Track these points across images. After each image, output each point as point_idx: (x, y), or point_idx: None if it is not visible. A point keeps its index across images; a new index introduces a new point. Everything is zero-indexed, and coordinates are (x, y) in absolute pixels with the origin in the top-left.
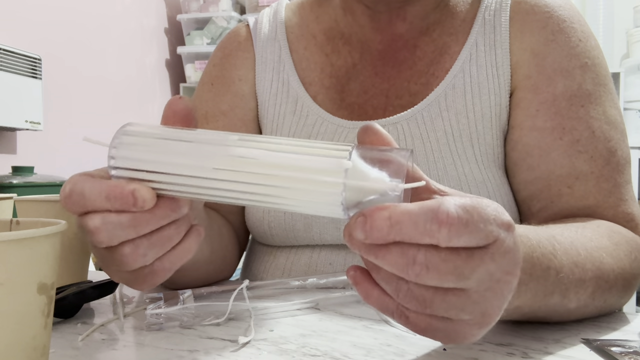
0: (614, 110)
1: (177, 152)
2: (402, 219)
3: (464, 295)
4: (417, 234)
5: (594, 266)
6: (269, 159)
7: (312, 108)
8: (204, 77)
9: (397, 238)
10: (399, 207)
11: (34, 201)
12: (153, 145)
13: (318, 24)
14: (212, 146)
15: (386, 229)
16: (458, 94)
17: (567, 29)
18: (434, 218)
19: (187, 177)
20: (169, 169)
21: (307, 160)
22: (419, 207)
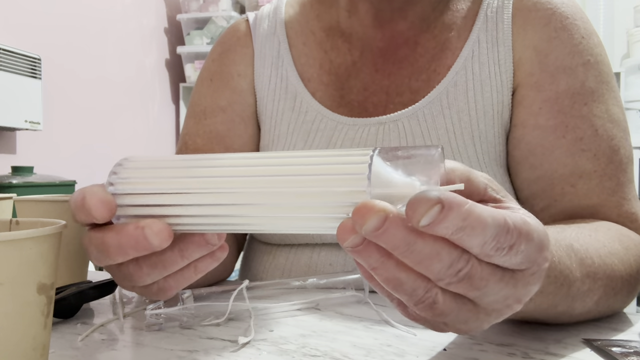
0: (616, 108)
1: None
2: (475, 224)
3: (473, 308)
4: (480, 246)
5: (605, 274)
6: (277, 173)
7: (311, 104)
8: (203, 72)
9: (459, 242)
10: (475, 211)
11: (33, 201)
12: (158, 169)
13: (318, 22)
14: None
15: (455, 229)
16: (460, 91)
17: (570, 26)
18: (500, 235)
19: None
20: (175, 200)
21: (324, 169)
22: (492, 218)
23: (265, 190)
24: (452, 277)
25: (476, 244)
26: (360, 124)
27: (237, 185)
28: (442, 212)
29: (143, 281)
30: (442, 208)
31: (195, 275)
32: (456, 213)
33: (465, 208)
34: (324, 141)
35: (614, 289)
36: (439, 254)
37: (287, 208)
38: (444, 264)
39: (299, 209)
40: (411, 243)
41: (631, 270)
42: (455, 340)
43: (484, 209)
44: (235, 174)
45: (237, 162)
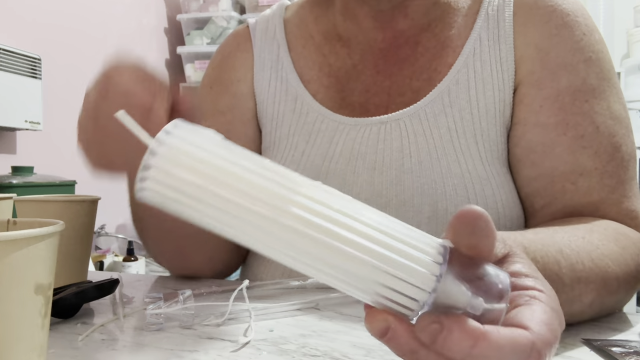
0: (618, 105)
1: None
2: (490, 354)
3: None
4: None
5: (598, 277)
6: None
7: (312, 105)
8: (204, 79)
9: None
10: (488, 338)
11: (33, 201)
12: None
13: (316, 25)
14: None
15: (463, 355)
16: (462, 89)
17: (571, 23)
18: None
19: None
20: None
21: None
22: (510, 344)
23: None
24: None
25: None
26: (362, 123)
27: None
28: (441, 333)
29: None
30: (442, 328)
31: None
32: (458, 336)
33: (472, 335)
34: (325, 141)
35: (608, 290)
36: None
37: (334, 268)
38: None
39: (337, 269)
40: (415, 351)
41: (628, 269)
42: None
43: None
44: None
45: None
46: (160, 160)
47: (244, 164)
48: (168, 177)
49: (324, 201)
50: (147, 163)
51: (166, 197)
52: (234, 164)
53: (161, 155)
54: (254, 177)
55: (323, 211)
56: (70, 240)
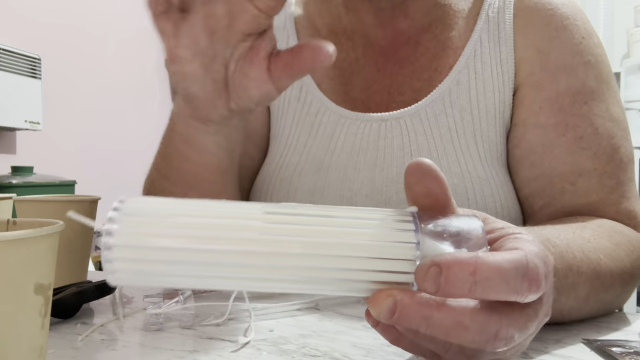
0: (617, 108)
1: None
2: (491, 275)
3: (511, 342)
4: (506, 293)
5: (590, 269)
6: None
7: (316, 95)
8: None
9: (481, 296)
10: (486, 260)
11: (33, 201)
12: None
13: (321, 18)
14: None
15: (469, 285)
16: (462, 90)
17: (570, 26)
18: (525, 275)
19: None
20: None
21: (368, 233)
22: (508, 261)
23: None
24: (490, 342)
25: (507, 292)
26: (363, 119)
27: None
28: (441, 274)
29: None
30: (440, 269)
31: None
32: (458, 270)
33: (470, 261)
34: (327, 134)
35: (602, 284)
36: (461, 323)
37: (319, 280)
38: (474, 331)
39: (331, 281)
40: (429, 317)
41: (622, 265)
42: None
43: (497, 254)
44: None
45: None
46: (120, 238)
47: (198, 210)
48: (131, 251)
49: (289, 216)
50: (107, 244)
51: (136, 272)
52: (189, 214)
53: (119, 233)
54: (214, 220)
55: (291, 229)
56: (70, 240)
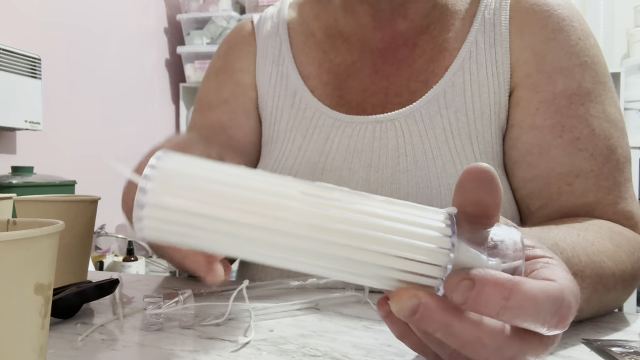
0: (613, 109)
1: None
2: (525, 304)
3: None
4: (534, 324)
5: (593, 272)
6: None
7: (311, 101)
8: (209, 68)
9: (508, 321)
10: (522, 287)
11: (33, 201)
12: (196, 194)
13: (317, 22)
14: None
15: (498, 308)
16: (457, 91)
17: (567, 28)
18: (558, 312)
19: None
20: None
21: (403, 230)
22: (544, 294)
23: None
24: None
25: (536, 323)
26: (358, 121)
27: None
28: (473, 289)
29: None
30: (473, 284)
31: None
32: (492, 290)
33: (505, 286)
34: (322, 137)
35: (605, 286)
36: (481, 339)
37: (347, 267)
38: (490, 351)
39: (353, 264)
40: (449, 325)
41: (624, 267)
42: None
43: (533, 284)
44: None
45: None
46: (153, 196)
47: (235, 180)
48: (163, 212)
49: (326, 199)
50: (140, 201)
51: (166, 232)
52: (225, 183)
53: (152, 191)
54: (249, 193)
55: (326, 212)
56: (70, 240)
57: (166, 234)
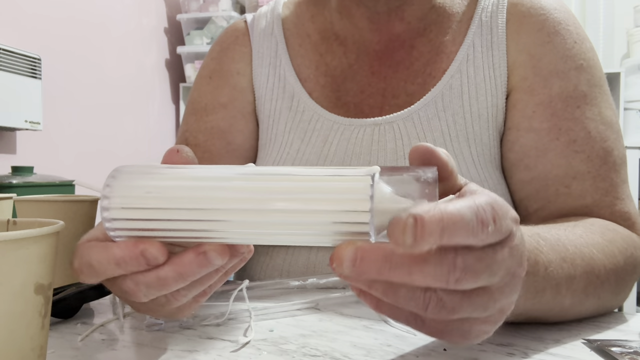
0: (609, 111)
1: (182, 195)
2: (455, 220)
3: (487, 293)
4: (467, 236)
5: (584, 262)
6: (285, 188)
7: (308, 104)
8: (202, 70)
9: (448, 242)
10: (449, 208)
11: (33, 201)
12: (152, 189)
13: (313, 23)
14: (219, 182)
15: (438, 232)
16: (455, 94)
17: (563, 31)
18: (478, 218)
19: (198, 221)
20: (174, 215)
21: (328, 187)
22: (465, 207)
23: (262, 208)
24: (456, 274)
25: (468, 235)
26: (356, 124)
27: (233, 205)
28: (417, 224)
29: (180, 301)
30: (415, 220)
31: (226, 278)
32: (430, 217)
33: (437, 210)
34: (320, 140)
35: (598, 277)
36: (420, 257)
37: (283, 225)
38: (434, 263)
39: (295, 226)
40: (389, 257)
41: (615, 260)
42: None
43: (453, 202)
44: (231, 192)
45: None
46: (115, 192)
47: (183, 172)
48: (126, 201)
49: (258, 176)
50: (104, 204)
51: (131, 223)
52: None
53: (115, 190)
54: (198, 173)
55: (261, 185)
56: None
57: (130, 224)
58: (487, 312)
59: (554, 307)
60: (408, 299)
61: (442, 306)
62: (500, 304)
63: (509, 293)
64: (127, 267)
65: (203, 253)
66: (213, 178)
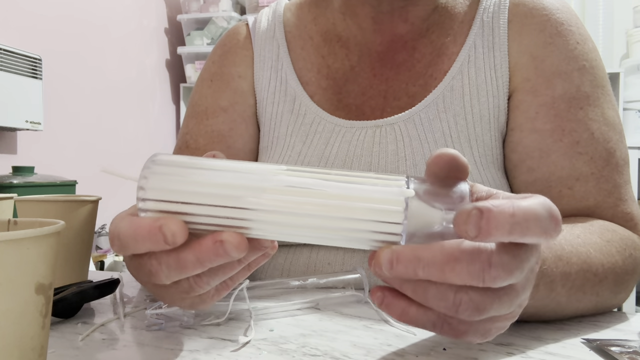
0: (612, 112)
1: (216, 182)
2: (529, 217)
3: (512, 290)
4: (539, 234)
5: (580, 260)
6: (322, 189)
7: (310, 107)
8: (203, 73)
9: (519, 238)
10: (520, 204)
11: (34, 201)
12: (189, 175)
13: (315, 25)
14: (255, 175)
15: (509, 227)
16: (456, 95)
17: (565, 32)
18: (552, 216)
19: (228, 208)
20: (207, 200)
21: (365, 190)
22: (536, 203)
23: (296, 211)
24: (492, 272)
25: (537, 234)
26: (358, 126)
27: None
28: (482, 217)
29: (203, 289)
30: (481, 213)
31: (248, 272)
32: (498, 212)
33: (506, 205)
34: (321, 143)
35: (596, 275)
36: (452, 255)
37: (316, 229)
38: (466, 261)
39: (329, 231)
40: (421, 257)
41: (614, 261)
42: (454, 340)
43: (525, 199)
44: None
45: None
46: (153, 181)
47: (223, 165)
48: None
49: (302, 179)
50: (141, 184)
51: (163, 211)
52: (212, 169)
53: (153, 175)
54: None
55: (304, 187)
56: (70, 240)
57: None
58: (511, 308)
59: (549, 303)
60: (439, 298)
61: (474, 307)
62: (520, 300)
63: (529, 288)
64: (145, 243)
65: (220, 242)
66: (252, 171)
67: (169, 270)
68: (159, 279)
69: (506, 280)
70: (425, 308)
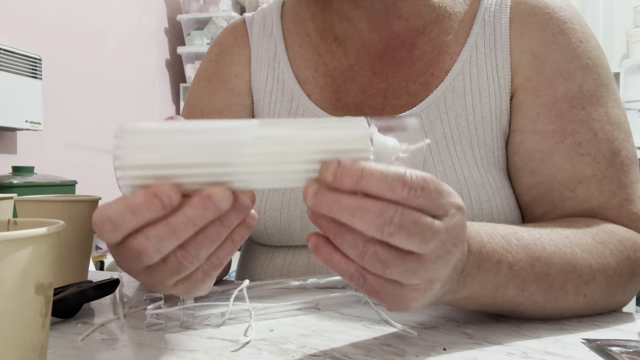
0: (617, 111)
1: (194, 142)
2: (374, 172)
3: (419, 260)
4: (384, 188)
5: (563, 260)
6: (295, 136)
7: (308, 106)
8: (200, 72)
9: (364, 188)
10: (374, 165)
11: (34, 201)
12: (164, 138)
13: (313, 22)
14: (231, 130)
15: (356, 177)
16: (458, 96)
17: (568, 30)
18: (400, 178)
19: (209, 166)
20: (187, 160)
21: (333, 134)
22: (393, 168)
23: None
24: (391, 228)
25: (384, 188)
26: None
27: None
28: (339, 166)
29: (191, 263)
30: (339, 162)
31: (233, 248)
32: (353, 164)
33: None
34: None
35: (581, 276)
36: (364, 205)
37: (292, 173)
38: (374, 213)
39: (303, 173)
40: (339, 199)
41: (605, 262)
42: (455, 340)
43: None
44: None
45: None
46: (125, 146)
47: (195, 125)
48: (138, 156)
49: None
50: (116, 154)
51: (143, 177)
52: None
53: (127, 143)
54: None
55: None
56: (70, 240)
57: (142, 179)
58: (417, 278)
59: (523, 302)
60: (351, 245)
61: (378, 259)
62: (430, 274)
63: (440, 266)
64: (143, 214)
65: (207, 197)
66: (226, 127)
67: (159, 241)
68: (149, 256)
69: (405, 240)
70: (347, 258)
